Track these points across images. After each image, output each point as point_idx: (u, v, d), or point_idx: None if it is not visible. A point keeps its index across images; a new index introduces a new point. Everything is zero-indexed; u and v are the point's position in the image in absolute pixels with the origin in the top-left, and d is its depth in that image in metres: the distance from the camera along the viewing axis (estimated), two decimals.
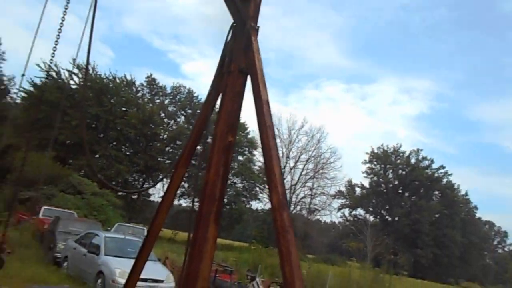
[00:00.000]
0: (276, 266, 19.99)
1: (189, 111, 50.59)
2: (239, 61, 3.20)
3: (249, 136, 48.63)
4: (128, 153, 43.76)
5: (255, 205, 55.42)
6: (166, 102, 51.39)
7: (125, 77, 46.10)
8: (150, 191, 46.89)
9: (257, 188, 52.58)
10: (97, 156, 38.96)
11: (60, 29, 4.47)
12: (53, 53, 4.47)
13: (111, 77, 43.96)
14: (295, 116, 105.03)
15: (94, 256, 11.63)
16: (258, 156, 53.89)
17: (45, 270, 11.94)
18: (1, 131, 35.26)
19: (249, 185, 50.57)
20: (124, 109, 42.66)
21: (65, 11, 4.50)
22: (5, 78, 46.30)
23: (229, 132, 3.24)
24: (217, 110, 3.40)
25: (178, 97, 52.05)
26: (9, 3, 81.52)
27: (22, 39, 79.62)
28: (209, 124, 3.61)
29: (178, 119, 51.05)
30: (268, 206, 55.23)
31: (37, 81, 36.82)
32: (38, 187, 24.93)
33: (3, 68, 47.26)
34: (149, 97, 50.27)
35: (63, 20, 4.50)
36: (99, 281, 10.77)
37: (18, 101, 42.46)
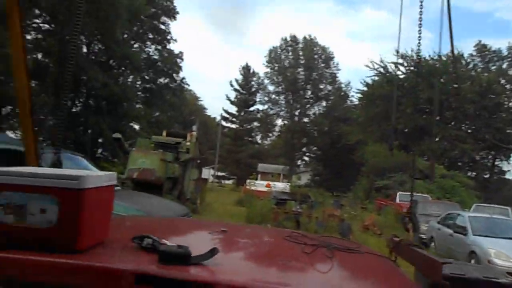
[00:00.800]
0: None
1: None
2: None
3: None
4: (469, 131, 41.07)
5: None
6: (504, 66, 45.37)
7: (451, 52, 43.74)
8: (505, 168, 42.25)
9: None
10: (437, 139, 38.38)
11: (419, 30, 4.54)
12: (419, 46, 4.51)
13: (435, 57, 42.66)
14: None
15: (461, 236, 11.47)
16: None
17: None
18: (347, 130, 40.36)
19: None
20: (455, 85, 40.39)
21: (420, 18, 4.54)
22: (342, 85, 53.06)
23: None
24: None
25: None
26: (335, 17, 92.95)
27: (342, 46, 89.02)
28: None
29: None
30: None
31: (369, 80, 40.08)
32: (390, 175, 26.89)
33: (339, 77, 54.16)
34: (482, 66, 45.75)
35: (420, 21, 4.54)
36: (472, 261, 10.45)
37: (356, 102, 47.55)
